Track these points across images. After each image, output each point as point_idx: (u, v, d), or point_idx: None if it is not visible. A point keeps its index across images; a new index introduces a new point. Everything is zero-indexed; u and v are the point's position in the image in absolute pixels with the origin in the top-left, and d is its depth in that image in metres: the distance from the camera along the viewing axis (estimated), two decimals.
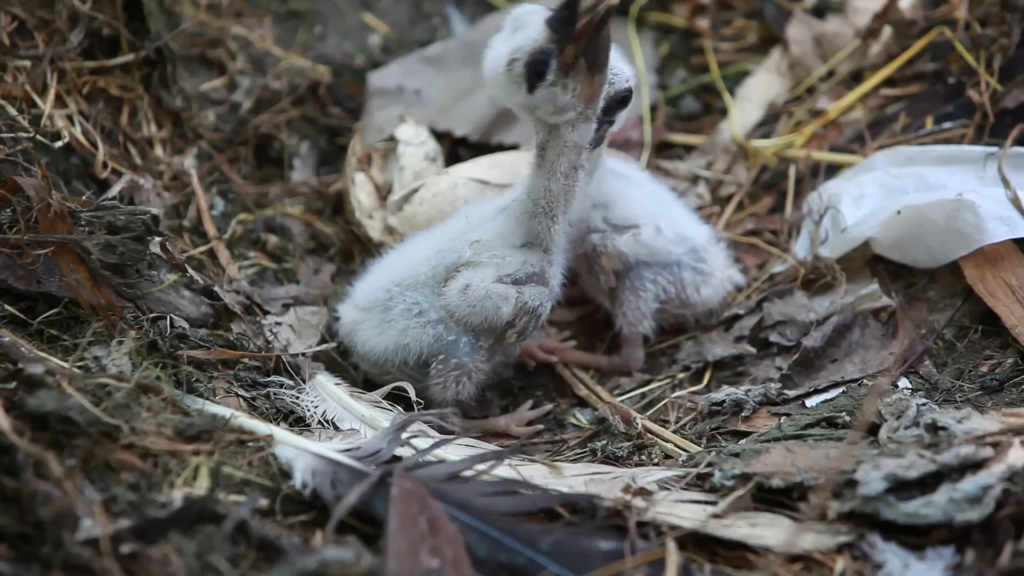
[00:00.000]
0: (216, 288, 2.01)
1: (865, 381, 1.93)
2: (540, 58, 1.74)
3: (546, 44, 1.73)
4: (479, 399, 2.08)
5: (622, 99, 1.92)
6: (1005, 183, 2.02)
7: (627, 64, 1.95)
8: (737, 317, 2.16)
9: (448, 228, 2.00)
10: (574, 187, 1.89)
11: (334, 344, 2.07)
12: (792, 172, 2.36)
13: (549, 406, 2.07)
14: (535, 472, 1.69)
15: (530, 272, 1.91)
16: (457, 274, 1.90)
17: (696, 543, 1.55)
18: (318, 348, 2.04)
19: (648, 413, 2.02)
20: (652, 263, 2.09)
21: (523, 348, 2.12)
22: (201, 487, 1.53)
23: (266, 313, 2.09)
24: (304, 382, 1.92)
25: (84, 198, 1.95)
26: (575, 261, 2.12)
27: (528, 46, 1.74)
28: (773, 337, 2.09)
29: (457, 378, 1.93)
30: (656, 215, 2.10)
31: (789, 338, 2.08)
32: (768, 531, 1.54)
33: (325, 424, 1.83)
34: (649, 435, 1.93)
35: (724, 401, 1.96)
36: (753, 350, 2.09)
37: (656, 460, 1.88)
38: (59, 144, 2.06)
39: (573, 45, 1.73)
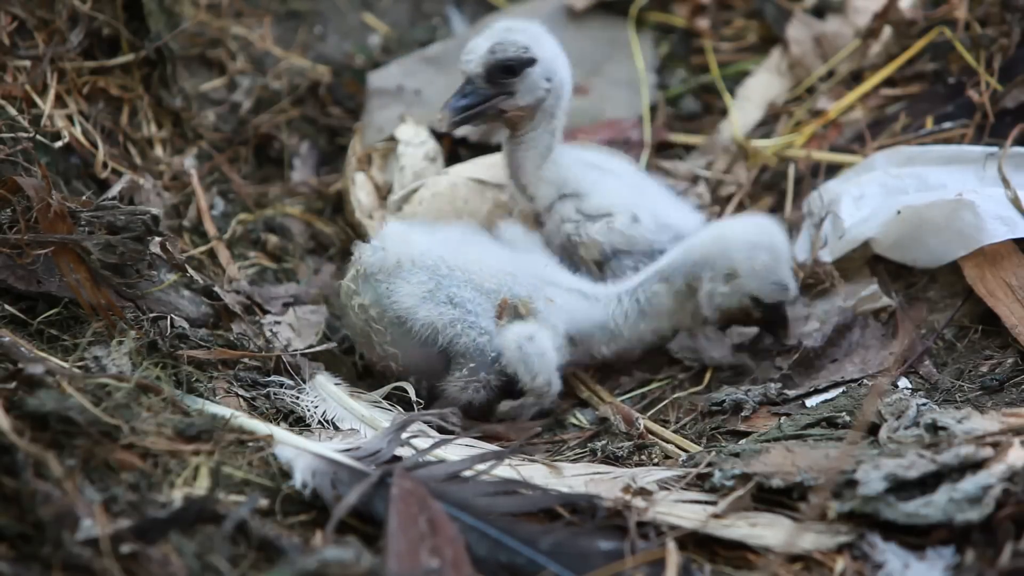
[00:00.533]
0: (216, 288, 2.01)
1: (865, 381, 1.93)
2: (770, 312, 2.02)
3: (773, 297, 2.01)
4: None
5: (505, 67, 1.98)
6: (1005, 183, 2.02)
7: (533, 41, 2.01)
8: None
9: (526, 259, 2.01)
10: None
11: (334, 344, 2.07)
12: (791, 172, 2.36)
13: (547, 418, 2.07)
14: (535, 472, 1.69)
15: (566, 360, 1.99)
16: (528, 316, 1.92)
17: (696, 543, 1.55)
18: (318, 348, 2.04)
19: (648, 413, 2.02)
20: (632, 251, 2.09)
21: None
22: (201, 487, 1.53)
23: (266, 313, 2.09)
24: (304, 382, 1.92)
25: (84, 198, 1.95)
26: (554, 252, 2.13)
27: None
28: (768, 342, 2.10)
29: (477, 388, 1.94)
30: (634, 204, 2.10)
31: (783, 346, 2.08)
32: (768, 531, 1.54)
33: (325, 424, 1.83)
34: (649, 435, 1.93)
35: (724, 401, 1.96)
36: (752, 363, 2.09)
37: (656, 460, 1.88)
38: (59, 144, 2.07)
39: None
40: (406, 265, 1.91)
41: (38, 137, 2.02)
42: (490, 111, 2.02)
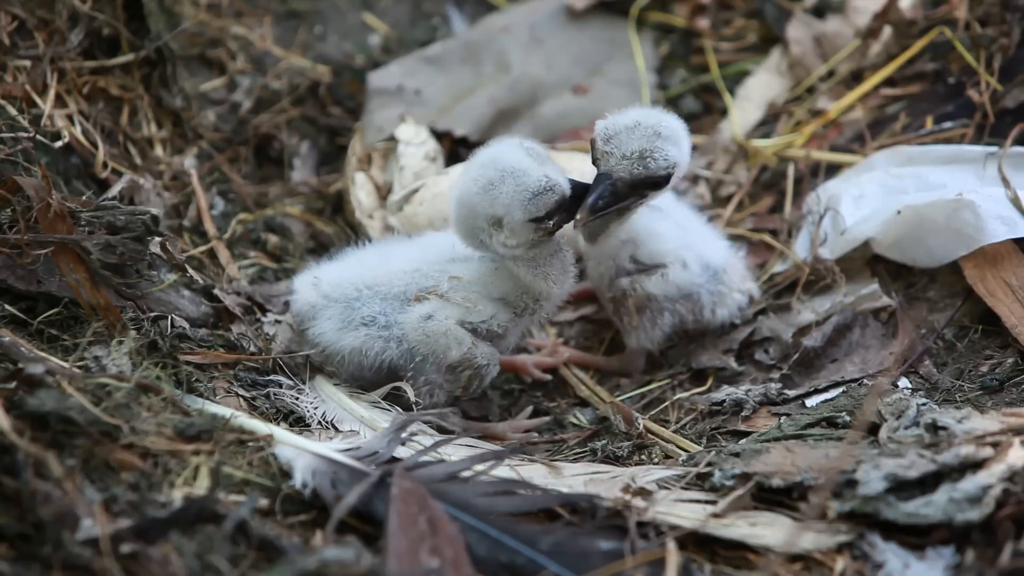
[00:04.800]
0: (216, 290, 2.01)
1: (865, 381, 1.93)
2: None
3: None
4: (479, 396, 2.08)
5: (653, 183, 1.91)
6: (1005, 183, 2.02)
7: (676, 148, 1.91)
8: (734, 325, 2.15)
9: (432, 248, 1.96)
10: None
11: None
12: (791, 171, 2.36)
13: (547, 418, 2.07)
14: (535, 472, 1.69)
15: (493, 329, 1.91)
16: (426, 299, 1.89)
17: (696, 543, 1.55)
18: (314, 351, 2.03)
19: (648, 413, 2.02)
20: (675, 297, 2.08)
21: (519, 365, 2.12)
22: (201, 487, 1.53)
23: (267, 312, 2.09)
24: (304, 383, 1.92)
25: (84, 198, 1.95)
26: (596, 288, 2.13)
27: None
28: (758, 355, 2.09)
29: (429, 391, 1.92)
30: (683, 247, 2.07)
31: (772, 357, 2.08)
32: (768, 531, 1.54)
33: (325, 425, 1.83)
34: (649, 435, 1.93)
35: (724, 401, 1.96)
36: (736, 366, 2.09)
37: (656, 460, 1.88)
38: (59, 144, 2.06)
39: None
40: (320, 304, 1.93)
41: (38, 137, 2.02)
42: (621, 210, 1.95)
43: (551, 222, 1.82)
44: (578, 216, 1.84)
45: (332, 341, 1.91)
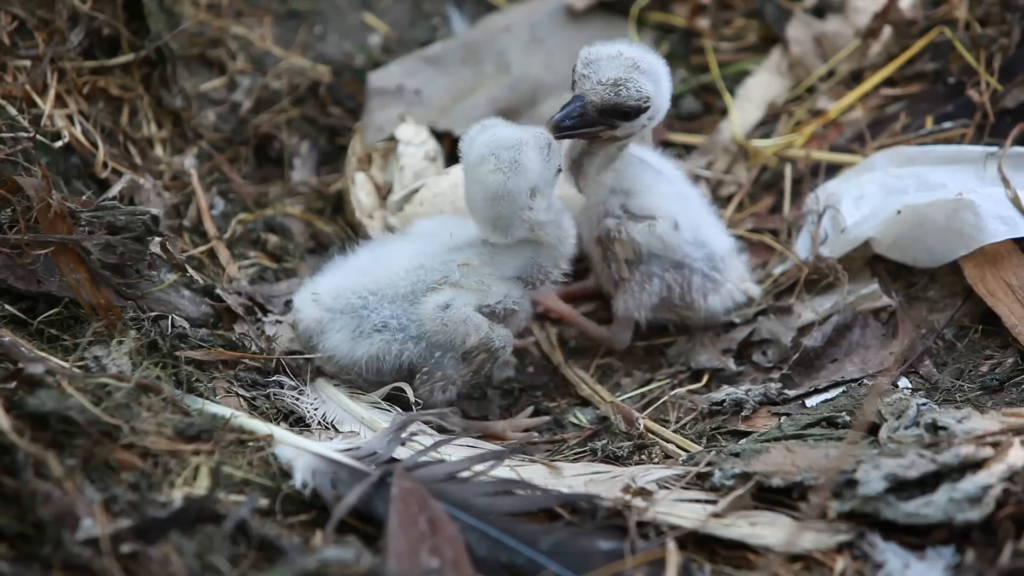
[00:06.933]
0: (217, 290, 2.01)
1: (865, 381, 1.93)
2: None
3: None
4: (479, 396, 2.08)
5: (622, 112, 1.93)
6: (1005, 183, 2.02)
7: (653, 85, 1.95)
8: (733, 325, 2.15)
9: (430, 242, 1.96)
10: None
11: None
12: (788, 171, 2.35)
13: (547, 418, 2.07)
14: (535, 472, 1.69)
15: (509, 307, 1.92)
16: (439, 289, 1.89)
17: (696, 543, 1.55)
18: (316, 355, 2.03)
19: (648, 412, 2.02)
20: (664, 257, 2.08)
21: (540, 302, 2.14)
22: (201, 487, 1.53)
23: (267, 312, 2.09)
24: (304, 383, 1.92)
25: (84, 198, 1.95)
26: (589, 246, 2.13)
27: None
28: (756, 357, 2.09)
29: (443, 387, 1.92)
30: (676, 211, 2.08)
31: (770, 359, 2.07)
32: (768, 530, 1.54)
33: (325, 425, 1.83)
34: (649, 435, 1.93)
35: (724, 401, 1.96)
36: (734, 367, 2.09)
37: (656, 460, 1.88)
38: (59, 144, 2.06)
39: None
40: (326, 319, 1.92)
41: (38, 137, 2.02)
42: (587, 136, 1.99)
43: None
44: (546, 124, 1.91)
45: (346, 352, 1.90)
